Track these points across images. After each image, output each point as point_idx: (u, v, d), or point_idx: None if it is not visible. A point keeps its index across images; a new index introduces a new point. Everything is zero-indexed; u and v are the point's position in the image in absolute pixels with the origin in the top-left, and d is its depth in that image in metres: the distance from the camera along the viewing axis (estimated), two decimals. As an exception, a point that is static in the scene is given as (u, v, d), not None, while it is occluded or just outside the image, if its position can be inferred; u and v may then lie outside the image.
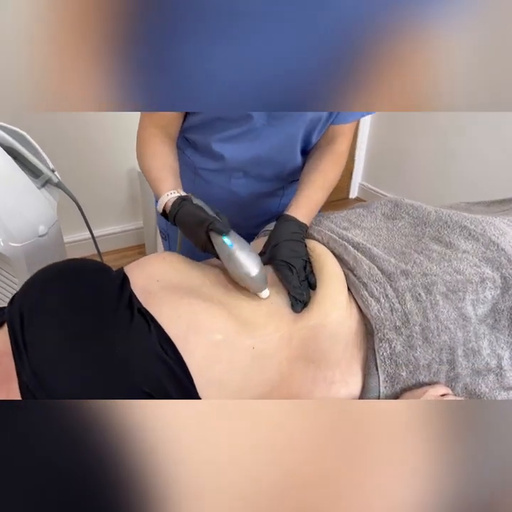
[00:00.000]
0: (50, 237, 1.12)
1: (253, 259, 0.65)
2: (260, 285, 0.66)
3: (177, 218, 0.72)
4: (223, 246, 0.66)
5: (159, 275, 0.64)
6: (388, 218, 0.86)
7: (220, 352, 0.57)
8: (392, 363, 0.65)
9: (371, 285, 0.69)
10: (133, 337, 0.52)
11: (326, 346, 0.65)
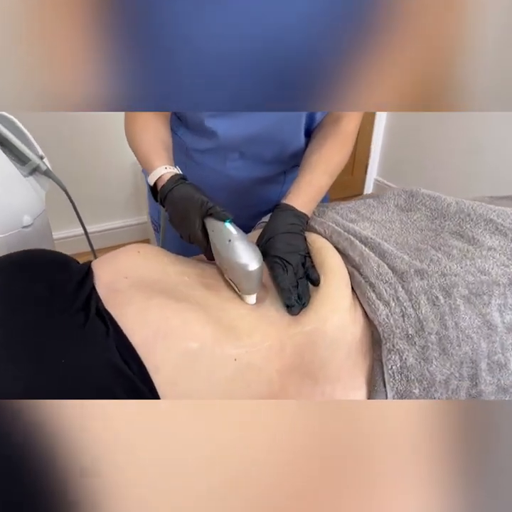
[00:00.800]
0: (35, 229, 1.04)
1: (256, 253, 0.57)
2: (254, 285, 0.57)
3: (170, 196, 0.62)
4: (224, 233, 0.57)
5: (129, 271, 0.55)
6: (402, 210, 0.76)
7: (195, 364, 0.48)
8: (402, 378, 0.55)
9: (380, 286, 0.59)
10: (84, 344, 0.44)
11: (324, 356, 0.56)
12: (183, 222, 0.60)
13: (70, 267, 0.53)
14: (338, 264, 0.64)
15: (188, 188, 0.63)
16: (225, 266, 0.57)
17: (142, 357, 0.46)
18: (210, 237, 0.58)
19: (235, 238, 0.57)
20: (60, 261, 0.54)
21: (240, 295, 0.59)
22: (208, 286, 0.59)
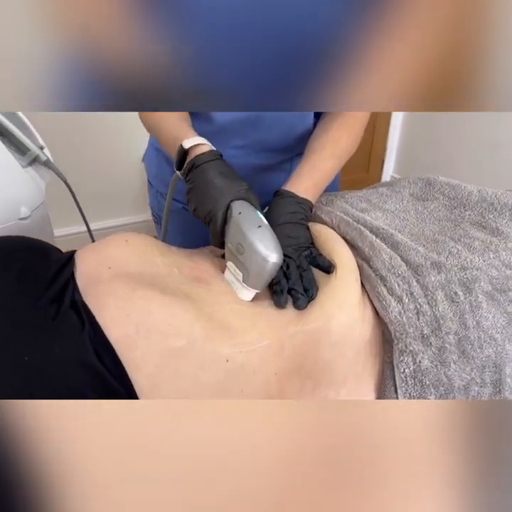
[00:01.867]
0: (33, 221, 1.01)
1: (280, 249, 0.52)
2: (264, 279, 0.52)
3: (205, 167, 0.56)
4: (255, 218, 0.53)
5: (114, 261, 0.50)
6: (418, 199, 0.70)
7: (180, 364, 0.43)
8: (416, 383, 0.49)
9: (392, 280, 0.53)
10: (52, 339, 0.39)
11: (328, 357, 0.50)
12: (207, 197, 0.55)
13: (49, 255, 0.49)
14: (347, 256, 0.58)
15: (229, 167, 0.58)
16: (243, 251, 0.52)
17: (120, 355, 0.41)
18: (232, 219, 0.53)
19: (266, 227, 0.53)
20: (38, 248, 0.49)
21: (236, 289, 0.53)
22: (199, 279, 0.53)
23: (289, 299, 0.54)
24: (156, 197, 0.92)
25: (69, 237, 1.76)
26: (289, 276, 0.55)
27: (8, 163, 0.96)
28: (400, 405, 0.36)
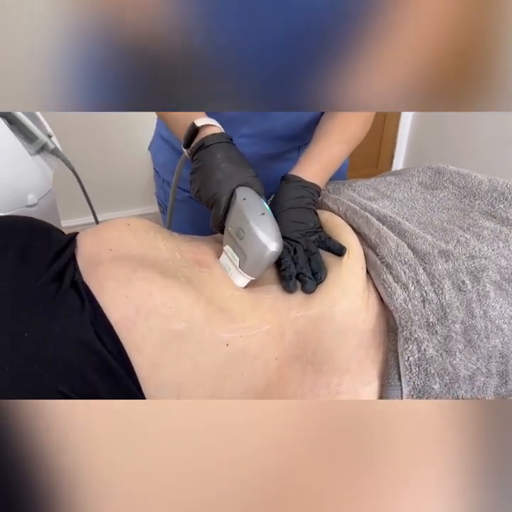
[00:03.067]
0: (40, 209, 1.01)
1: (280, 239, 0.51)
2: (260, 267, 0.51)
3: (214, 148, 0.55)
4: (260, 205, 0.53)
5: (115, 243, 0.50)
6: (427, 188, 0.69)
7: (180, 346, 0.42)
8: (420, 371, 0.48)
9: (397, 267, 0.53)
10: (52, 317, 0.39)
11: (331, 345, 0.49)
12: (212, 180, 0.53)
13: (50, 235, 0.48)
14: (354, 244, 0.57)
15: (238, 152, 0.57)
16: (243, 236, 0.51)
17: (120, 336, 0.40)
18: (236, 204, 0.52)
19: (269, 215, 0.52)
20: (40, 228, 0.49)
21: (231, 275, 0.52)
22: (201, 263, 0.53)
23: (298, 284, 0.53)
24: (162, 186, 0.92)
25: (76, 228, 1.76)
26: (297, 261, 0.54)
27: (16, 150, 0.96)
28: (403, 405, 0.36)
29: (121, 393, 0.39)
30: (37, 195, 1.01)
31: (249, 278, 0.52)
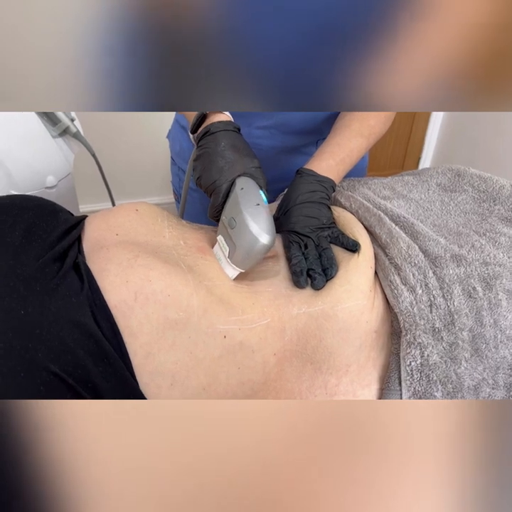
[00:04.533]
0: (59, 191, 1.02)
1: (273, 233, 0.50)
2: (250, 260, 0.49)
3: (220, 135, 0.53)
4: (256, 196, 0.51)
5: (122, 228, 0.49)
6: (445, 190, 0.67)
7: (177, 335, 0.42)
8: (422, 377, 0.47)
9: (406, 269, 0.51)
10: (50, 297, 0.39)
11: (332, 344, 0.48)
12: (214, 167, 0.52)
13: (58, 215, 0.49)
14: (366, 243, 0.55)
15: (243, 141, 0.56)
16: (234, 225, 0.50)
17: (117, 320, 0.40)
18: (233, 193, 0.51)
19: (264, 207, 0.51)
20: (47, 207, 0.49)
21: (222, 265, 0.51)
22: (204, 251, 0.52)
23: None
24: (177, 174, 0.92)
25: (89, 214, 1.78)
26: (307, 256, 0.53)
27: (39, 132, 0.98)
28: (400, 404, 0.35)
29: (113, 378, 0.38)
30: (56, 177, 1.02)
31: (238, 270, 0.50)
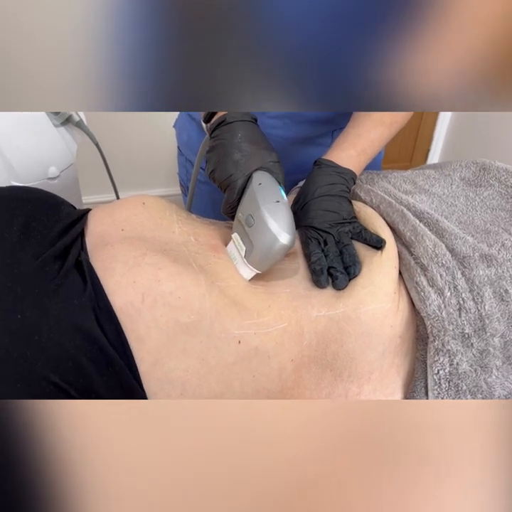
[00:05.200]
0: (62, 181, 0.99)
1: (293, 232, 0.46)
2: (268, 260, 0.46)
3: (236, 126, 0.50)
4: (276, 192, 0.48)
5: (128, 223, 0.46)
6: (470, 185, 0.63)
7: (188, 340, 0.39)
8: (451, 387, 0.43)
9: (434, 269, 0.47)
10: (49, 299, 0.35)
11: (353, 349, 0.45)
12: (229, 161, 0.49)
13: (60, 209, 0.45)
14: (389, 240, 0.52)
15: (261, 133, 0.52)
16: (252, 223, 0.46)
17: (123, 324, 0.37)
18: (250, 189, 0.48)
19: (284, 204, 0.47)
20: (50, 201, 0.46)
21: (237, 265, 0.48)
22: (216, 249, 0.49)
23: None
24: (184, 165, 0.88)
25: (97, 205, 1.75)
26: (327, 253, 0.50)
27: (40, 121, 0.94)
28: (431, 405, 0.31)
29: (118, 387, 0.35)
30: (59, 167, 0.99)
31: (254, 271, 0.47)
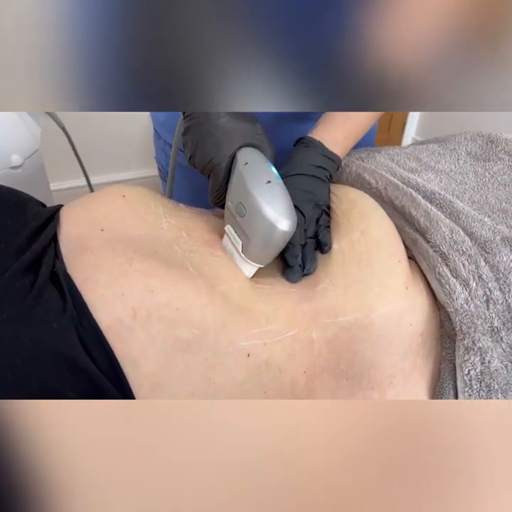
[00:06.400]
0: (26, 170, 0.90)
1: (293, 213, 0.41)
2: (271, 251, 0.41)
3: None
4: (264, 171, 0.41)
5: (108, 221, 0.39)
6: (477, 159, 0.58)
7: (190, 359, 0.33)
8: (482, 387, 0.39)
9: (455, 258, 0.43)
10: (22, 324, 0.29)
11: (370, 356, 0.40)
12: (209, 141, 0.43)
13: (26, 210, 0.38)
14: (388, 233, 0.47)
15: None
16: (244, 212, 0.41)
17: (113, 346, 0.31)
18: (236, 171, 0.42)
19: (277, 183, 0.41)
20: (12, 200, 0.39)
21: (236, 261, 0.42)
22: (212, 244, 0.43)
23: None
24: (163, 149, 0.80)
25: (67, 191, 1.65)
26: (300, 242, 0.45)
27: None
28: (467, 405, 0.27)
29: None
30: (22, 155, 0.91)
31: (255, 266, 0.42)
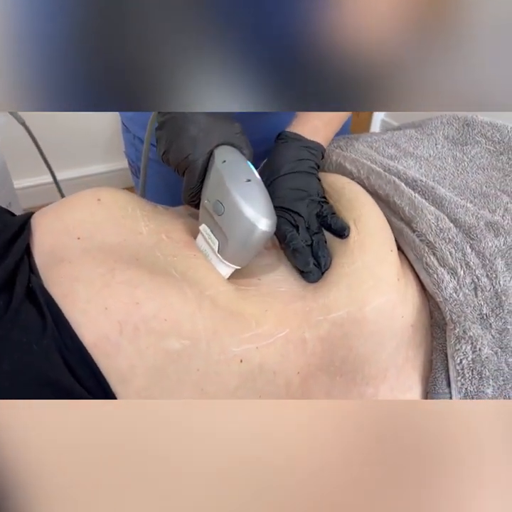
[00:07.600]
0: (-13, 172, 0.86)
1: (273, 213, 0.39)
2: (248, 252, 0.40)
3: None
4: (244, 169, 0.40)
5: (84, 228, 0.37)
6: (455, 143, 0.58)
7: (181, 371, 0.32)
8: (474, 375, 0.40)
9: (441, 246, 0.43)
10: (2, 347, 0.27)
11: (365, 351, 0.40)
12: (184, 138, 0.41)
13: None
14: (378, 222, 0.46)
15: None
16: (222, 211, 0.39)
17: (100, 365, 0.29)
18: (213, 169, 0.40)
19: (257, 182, 0.40)
20: None
21: (211, 261, 0.41)
22: (192, 246, 0.41)
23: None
24: (133, 143, 0.77)
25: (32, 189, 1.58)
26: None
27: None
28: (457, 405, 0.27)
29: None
30: (-19, 154, 0.86)
31: (232, 267, 0.40)
